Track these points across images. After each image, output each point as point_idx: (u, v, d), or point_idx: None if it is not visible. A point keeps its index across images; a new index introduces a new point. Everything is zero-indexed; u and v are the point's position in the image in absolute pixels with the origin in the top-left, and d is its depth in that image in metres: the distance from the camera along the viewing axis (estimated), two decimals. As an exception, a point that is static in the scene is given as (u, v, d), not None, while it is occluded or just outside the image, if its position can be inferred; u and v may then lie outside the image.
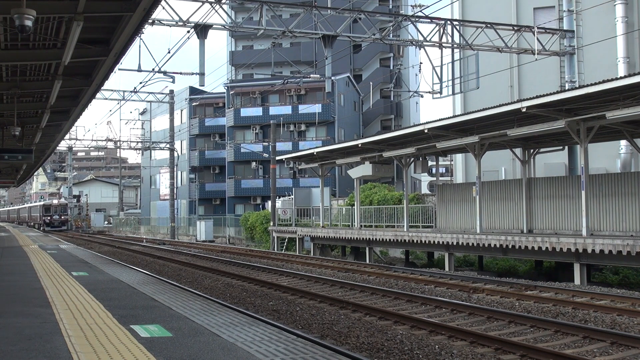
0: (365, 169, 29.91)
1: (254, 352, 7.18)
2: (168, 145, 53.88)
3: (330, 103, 55.35)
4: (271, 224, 39.42)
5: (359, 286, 17.09)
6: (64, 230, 71.37)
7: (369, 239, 28.00)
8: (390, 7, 64.27)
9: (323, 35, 24.17)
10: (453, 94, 27.53)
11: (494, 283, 17.76)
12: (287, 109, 56.92)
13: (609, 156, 31.03)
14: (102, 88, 21.34)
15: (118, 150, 71.64)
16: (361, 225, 32.25)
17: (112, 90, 41.37)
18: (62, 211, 73.86)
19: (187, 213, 64.29)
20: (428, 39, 25.68)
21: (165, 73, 28.52)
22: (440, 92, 26.64)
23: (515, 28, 27.08)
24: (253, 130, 58.24)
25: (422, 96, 35.61)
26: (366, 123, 63.54)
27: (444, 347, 9.85)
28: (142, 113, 75.44)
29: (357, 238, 29.14)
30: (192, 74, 27.80)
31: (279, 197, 42.87)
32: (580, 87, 17.83)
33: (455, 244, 22.86)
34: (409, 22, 26.30)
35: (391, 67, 62.92)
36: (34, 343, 7.62)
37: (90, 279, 15.46)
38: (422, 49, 28.57)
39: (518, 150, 24.62)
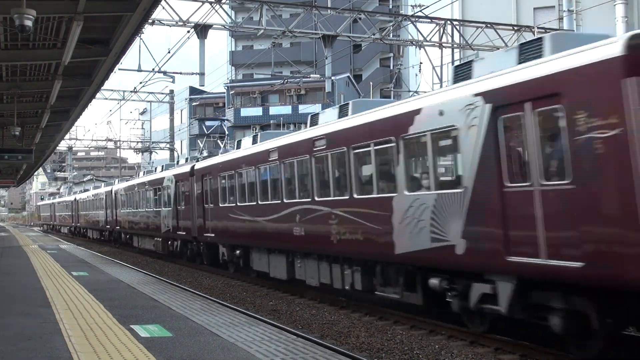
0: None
1: (254, 352, 7.19)
2: (168, 145, 53.89)
3: (330, 103, 55.33)
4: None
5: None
6: None
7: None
8: (390, 7, 64.22)
9: (323, 35, 24.17)
10: (453, 94, 27.44)
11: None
12: (287, 109, 56.89)
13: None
14: (102, 88, 21.36)
15: (118, 150, 71.48)
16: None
17: (112, 90, 41.26)
18: None
19: (187, 213, 64.13)
20: (428, 39, 25.67)
21: (165, 73, 28.53)
22: (440, 92, 26.61)
23: (515, 28, 27.08)
24: (253, 130, 58.21)
25: (422, 96, 35.51)
26: (366, 123, 63.48)
27: (444, 346, 9.84)
28: (142, 113, 75.40)
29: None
30: (192, 74, 27.81)
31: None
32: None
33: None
34: (409, 22, 26.29)
35: (391, 67, 62.89)
36: (34, 343, 7.63)
37: (90, 279, 15.48)
38: (422, 49, 28.54)
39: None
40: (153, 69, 26.63)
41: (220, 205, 19.77)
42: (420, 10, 26.65)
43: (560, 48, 8.30)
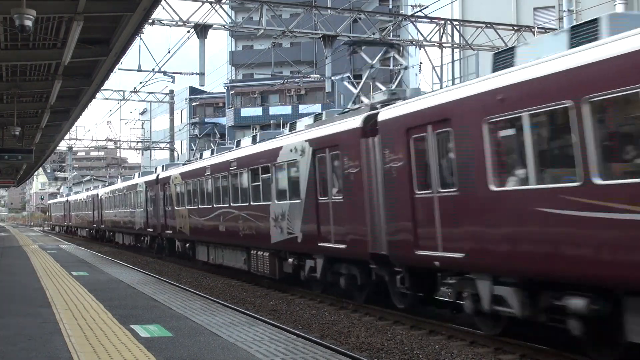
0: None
1: (254, 352, 7.19)
2: (168, 145, 53.93)
3: (330, 103, 55.34)
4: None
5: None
6: None
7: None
8: (390, 7, 64.22)
9: (323, 35, 24.19)
10: (453, 93, 27.46)
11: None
12: (287, 109, 56.91)
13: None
14: (102, 88, 21.37)
15: (118, 150, 71.50)
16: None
17: (112, 90, 41.26)
18: None
19: (187, 213, 63.99)
20: (428, 39, 25.69)
21: (165, 73, 28.54)
22: (441, 92, 26.65)
23: (515, 28, 27.11)
24: (253, 130, 58.23)
25: (422, 96, 35.50)
26: (366, 123, 63.53)
27: (444, 346, 9.84)
28: (142, 113, 75.42)
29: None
30: (192, 74, 27.82)
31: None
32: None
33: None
34: (409, 22, 26.30)
35: (391, 67, 62.91)
36: (34, 343, 7.64)
37: (90, 279, 15.49)
38: (422, 49, 28.56)
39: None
40: (153, 69, 26.64)
41: None
42: (420, 10, 26.68)
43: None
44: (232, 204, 18.73)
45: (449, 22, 25.94)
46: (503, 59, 9.53)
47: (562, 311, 8.12)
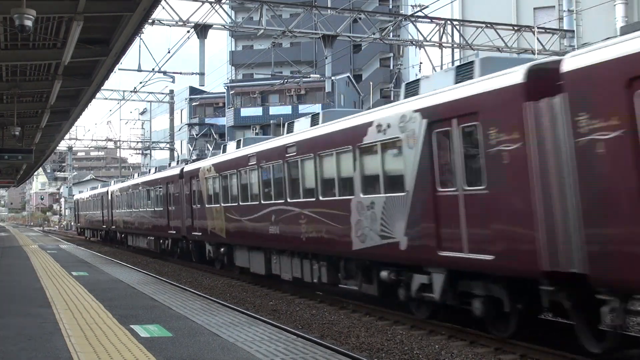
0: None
1: (254, 352, 7.20)
2: (168, 145, 53.94)
3: (330, 103, 55.34)
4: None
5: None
6: None
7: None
8: (390, 7, 64.24)
9: (323, 35, 24.18)
10: (453, 93, 27.40)
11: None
12: (287, 109, 56.89)
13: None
14: (102, 88, 21.37)
15: (118, 150, 71.49)
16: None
17: (112, 90, 41.32)
18: None
19: (187, 213, 63.85)
20: (428, 39, 25.69)
21: (165, 73, 28.55)
22: (440, 92, 26.61)
23: (515, 28, 27.10)
24: (253, 130, 58.21)
25: (422, 96, 35.44)
26: (366, 123, 63.46)
27: (444, 346, 9.84)
28: (142, 113, 75.43)
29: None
30: (192, 74, 27.82)
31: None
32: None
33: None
34: (409, 22, 26.30)
35: (391, 67, 62.91)
36: (34, 343, 7.65)
37: (90, 279, 15.49)
38: (422, 49, 28.55)
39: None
40: (153, 69, 26.64)
41: None
42: (420, 10, 26.68)
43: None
44: None
45: (449, 22, 25.93)
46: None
47: None
